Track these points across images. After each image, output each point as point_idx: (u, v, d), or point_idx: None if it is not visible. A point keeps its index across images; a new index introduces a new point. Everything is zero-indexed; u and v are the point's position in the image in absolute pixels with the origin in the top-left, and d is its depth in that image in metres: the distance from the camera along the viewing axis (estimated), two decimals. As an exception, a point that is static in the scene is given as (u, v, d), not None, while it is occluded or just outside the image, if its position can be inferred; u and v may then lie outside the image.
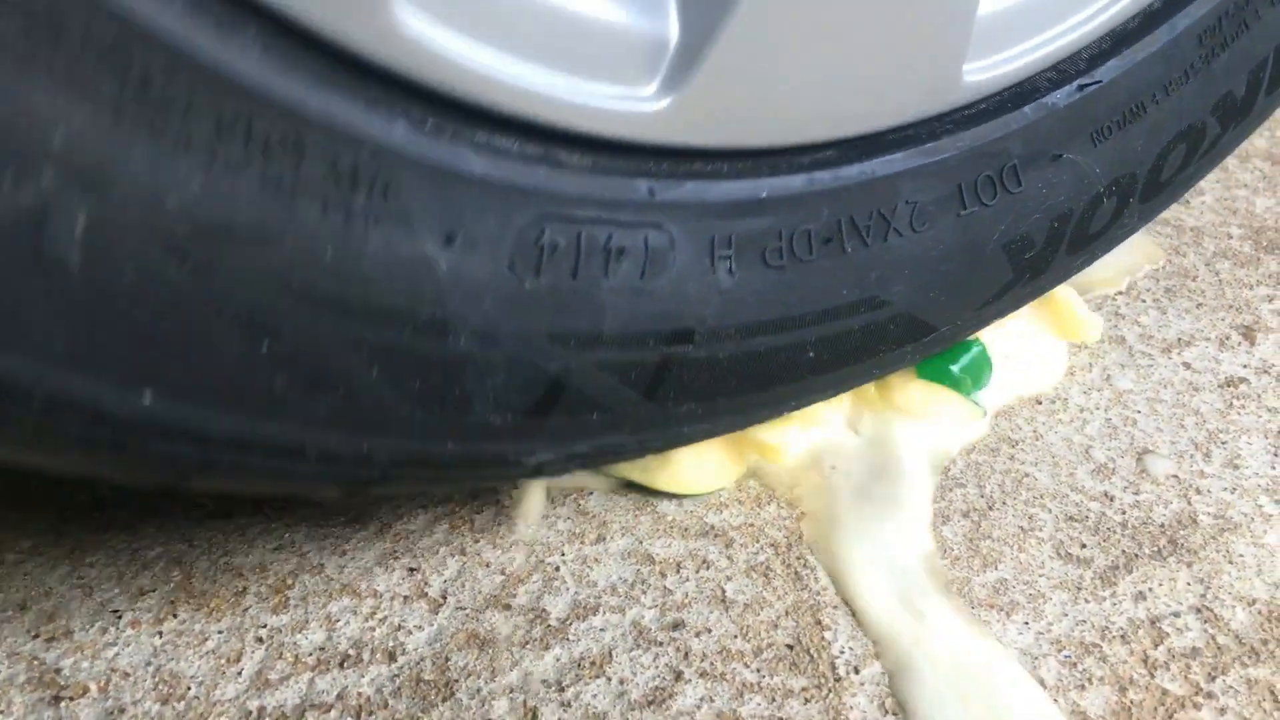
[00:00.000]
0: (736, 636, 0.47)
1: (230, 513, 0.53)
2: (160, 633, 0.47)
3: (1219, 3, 0.57)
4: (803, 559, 0.50)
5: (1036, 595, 0.48)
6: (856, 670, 0.46)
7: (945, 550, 0.51)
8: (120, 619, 0.48)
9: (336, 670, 0.46)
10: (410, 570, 0.50)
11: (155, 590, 0.49)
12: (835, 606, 0.48)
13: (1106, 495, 0.53)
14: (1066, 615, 0.47)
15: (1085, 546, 0.50)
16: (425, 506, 0.54)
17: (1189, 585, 0.49)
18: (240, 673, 0.45)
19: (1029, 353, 0.60)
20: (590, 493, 0.54)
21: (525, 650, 0.47)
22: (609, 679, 0.45)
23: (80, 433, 0.34)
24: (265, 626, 0.48)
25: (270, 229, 0.34)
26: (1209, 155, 0.60)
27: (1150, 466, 0.54)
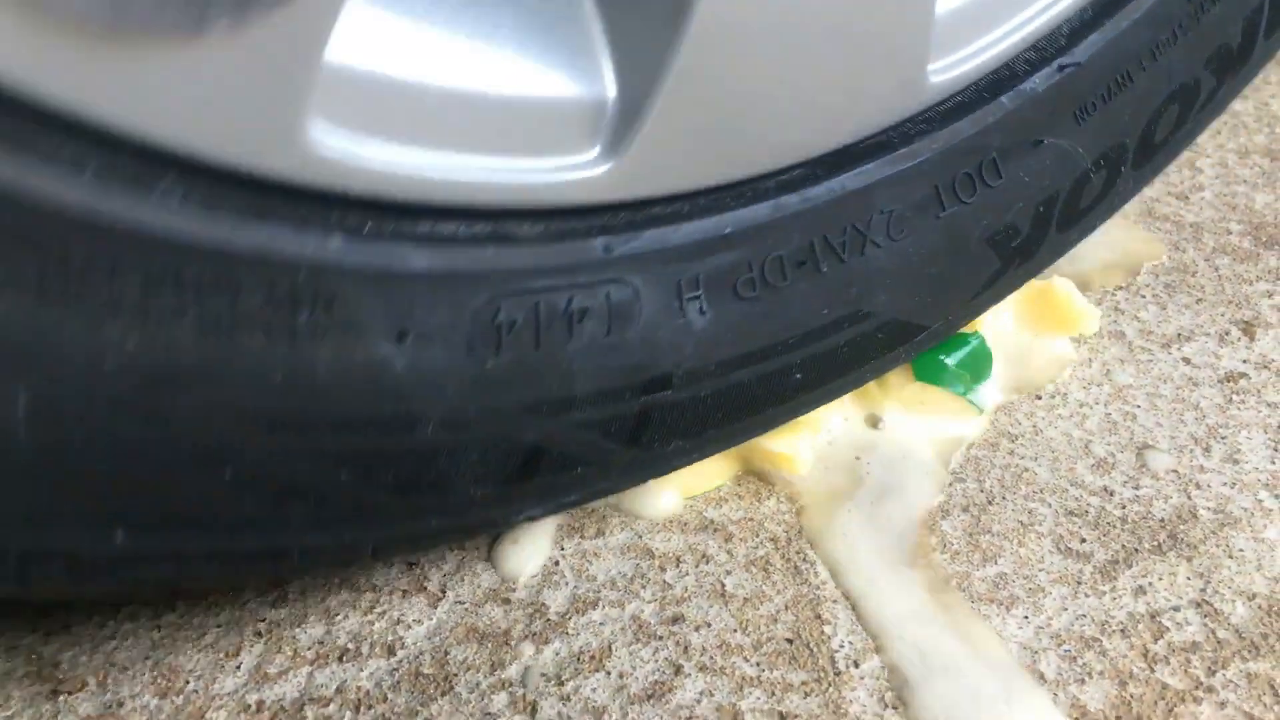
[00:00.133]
0: (736, 631, 0.47)
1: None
2: (159, 626, 0.47)
3: None
4: (802, 553, 0.50)
5: (1036, 589, 0.48)
6: (856, 664, 0.46)
7: (945, 545, 0.50)
8: (118, 612, 0.48)
9: (335, 664, 0.46)
10: (409, 564, 0.50)
11: (154, 584, 0.49)
12: (835, 601, 0.48)
13: (1106, 490, 0.53)
14: (1066, 609, 0.47)
15: (1085, 541, 0.50)
16: (424, 501, 0.53)
17: (1189, 580, 0.49)
18: (239, 666, 0.45)
19: (1029, 347, 0.60)
20: (589, 487, 0.54)
21: (524, 644, 0.46)
22: (608, 673, 0.45)
23: (61, 575, 0.35)
24: (264, 620, 0.47)
25: (215, 367, 0.33)
26: (1206, 110, 0.58)
27: (1150, 461, 0.54)
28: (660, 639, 0.47)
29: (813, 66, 0.41)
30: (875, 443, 0.55)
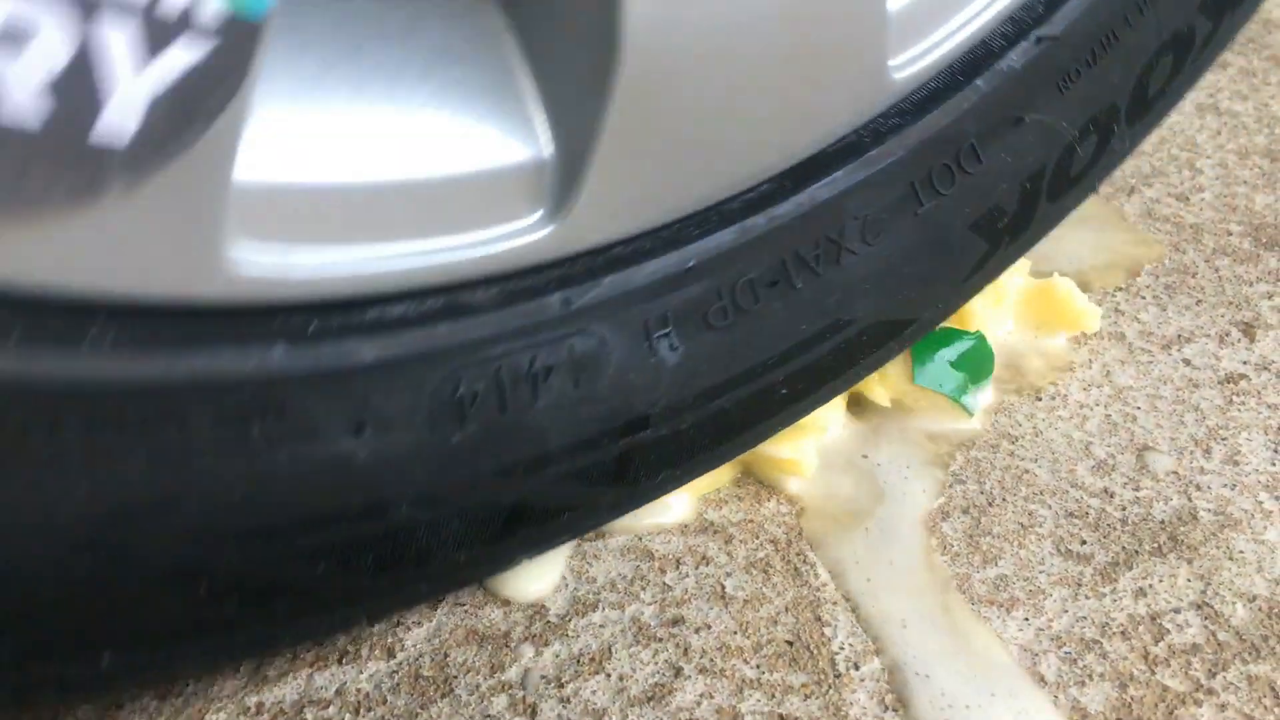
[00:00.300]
0: (736, 633, 0.47)
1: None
2: (158, 629, 0.47)
3: None
4: (802, 555, 0.50)
5: (1036, 591, 0.48)
6: (856, 666, 0.46)
7: (945, 546, 0.50)
8: (118, 615, 0.48)
9: (335, 666, 0.45)
10: (409, 566, 0.50)
11: (153, 586, 0.49)
12: (835, 603, 0.48)
13: (1106, 491, 0.53)
14: (1067, 611, 0.47)
15: (1085, 543, 0.50)
16: (424, 502, 0.53)
17: (1189, 581, 0.49)
18: (238, 669, 0.45)
19: (1029, 348, 0.60)
20: (589, 489, 0.54)
21: (524, 646, 0.46)
22: (608, 675, 0.45)
23: (53, 695, 0.35)
24: (263, 622, 0.47)
25: (171, 495, 0.33)
26: (1205, 54, 0.55)
27: (1150, 463, 0.54)
28: (660, 641, 0.47)
29: (759, 87, 0.40)
30: (875, 445, 0.55)
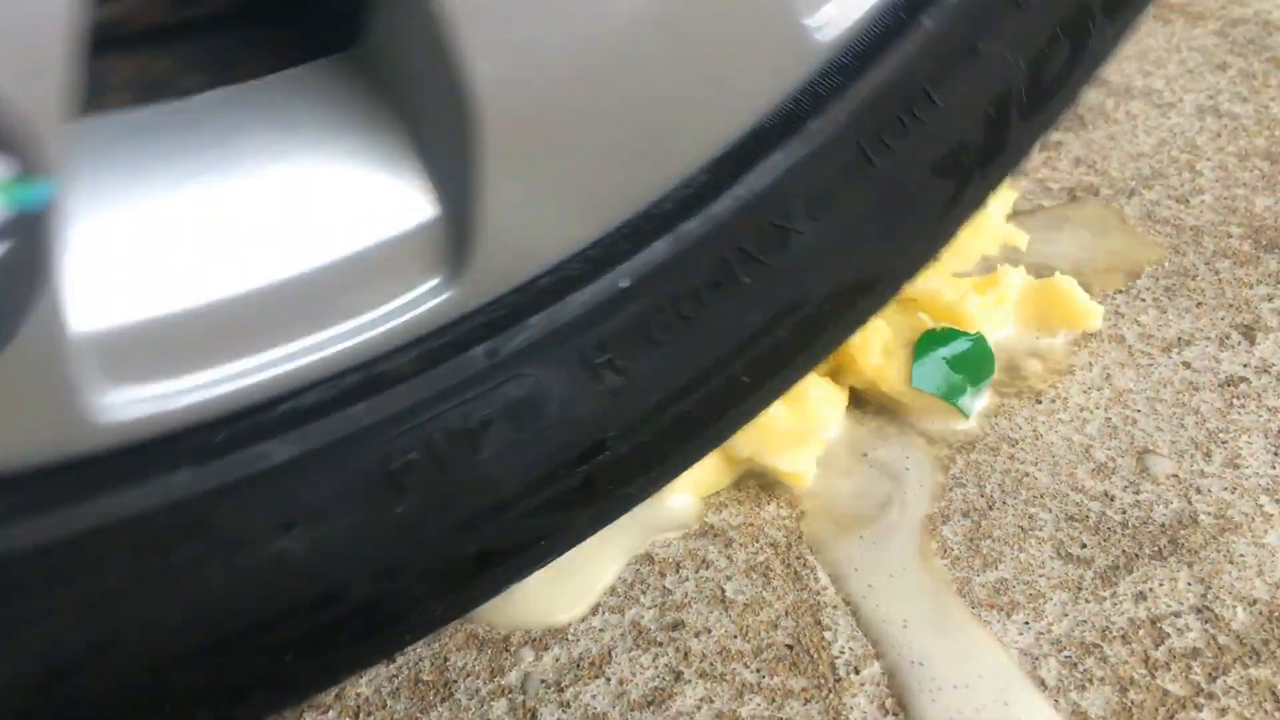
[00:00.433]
0: (736, 637, 0.47)
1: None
2: (157, 633, 0.47)
3: None
4: (802, 559, 0.50)
5: (1037, 595, 0.48)
6: (856, 670, 0.46)
7: (945, 550, 0.50)
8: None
9: (334, 670, 0.45)
10: (408, 570, 0.50)
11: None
12: (835, 607, 0.48)
13: (1107, 495, 0.53)
14: (1067, 615, 0.47)
15: (1085, 546, 0.50)
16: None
17: (1189, 585, 0.49)
18: (238, 673, 0.45)
19: (1030, 348, 0.60)
20: (589, 492, 0.54)
21: (524, 650, 0.46)
22: (608, 679, 0.45)
23: None
24: (263, 626, 0.47)
25: (106, 644, 0.32)
26: None
27: (1150, 466, 0.54)
28: (660, 645, 0.46)
29: (648, 88, 0.36)
30: (875, 448, 0.55)
